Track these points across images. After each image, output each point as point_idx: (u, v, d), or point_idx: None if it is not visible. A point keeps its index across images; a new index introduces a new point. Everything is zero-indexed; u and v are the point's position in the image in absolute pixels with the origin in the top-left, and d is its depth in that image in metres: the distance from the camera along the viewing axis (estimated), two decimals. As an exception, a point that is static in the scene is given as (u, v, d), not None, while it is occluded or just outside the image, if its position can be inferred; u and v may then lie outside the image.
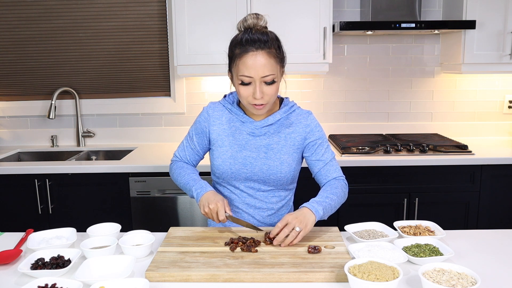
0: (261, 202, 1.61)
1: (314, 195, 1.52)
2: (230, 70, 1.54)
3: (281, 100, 1.65)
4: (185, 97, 3.05)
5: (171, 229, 1.53)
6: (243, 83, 1.46)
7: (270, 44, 1.45)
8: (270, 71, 1.44)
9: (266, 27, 1.50)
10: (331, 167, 1.60)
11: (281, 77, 1.52)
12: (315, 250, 1.32)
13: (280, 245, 1.38)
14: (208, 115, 1.62)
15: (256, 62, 1.42)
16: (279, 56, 1.48)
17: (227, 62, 1.54)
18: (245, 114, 1.60)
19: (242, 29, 1.49)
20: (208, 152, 1.70)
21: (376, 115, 3.10)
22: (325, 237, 1.44)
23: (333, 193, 1.52)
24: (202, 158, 1.71)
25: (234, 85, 1.53)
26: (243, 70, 1.44)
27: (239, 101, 1.61)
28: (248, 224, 1.49)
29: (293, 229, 1.37)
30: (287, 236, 1.37)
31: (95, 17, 2.97)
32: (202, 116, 1.64)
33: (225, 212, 1.46)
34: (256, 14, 1.48)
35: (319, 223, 1.48)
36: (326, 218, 1.50)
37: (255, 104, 1.49)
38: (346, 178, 1.62)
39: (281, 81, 1.53)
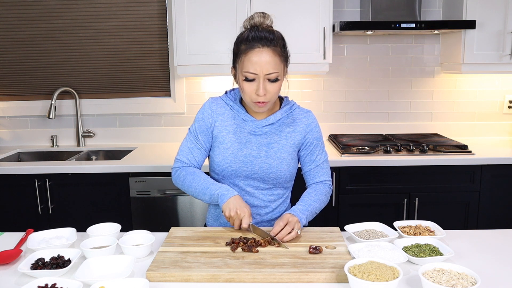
0: (259, 200, 1.62)
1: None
2: (234, 66, 1.55)
3: (281, 99, 1.66)
4: (185, 97, 3.05)
5: (172, 229, 1.53)
6: (247, 79, 1.47)
7: (276, 42, 1.46)
8: (274, 68, 1.45)
9: (272, 26, 1.51)
10: (321, 170, 1.64)
11: (284, 76, 1.53)
12: (316, 250, 1.32)
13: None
14: (211, 111, 1.61)
15: (261, 59, 1.44)
16: (283, 55, 1.50)
17: (231, 59, 1.55)
18: (247, 112, 1.60)
19: (248, 27, 1.50)
20: None
21: (376, 115, 3.10)
22: (326, 238, 1.44)
23: (315, 200, 1.57)
24: (207, 155, 1.68)
25: (237, 82, 1.54)
26: (248, 66, 1.45)
27: (241, 98, 1.62)
28: (267, 235, 1.43)
29: (292, 229, 1.41)
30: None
31: (95, 17, 2.97)
32: (205, 113, 1.62)
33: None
34: (263, 13, 1.49)
35: (319, 223, 1.48)
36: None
37: (257, 102, 1.49)
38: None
39: (284, 81, 1.54)
